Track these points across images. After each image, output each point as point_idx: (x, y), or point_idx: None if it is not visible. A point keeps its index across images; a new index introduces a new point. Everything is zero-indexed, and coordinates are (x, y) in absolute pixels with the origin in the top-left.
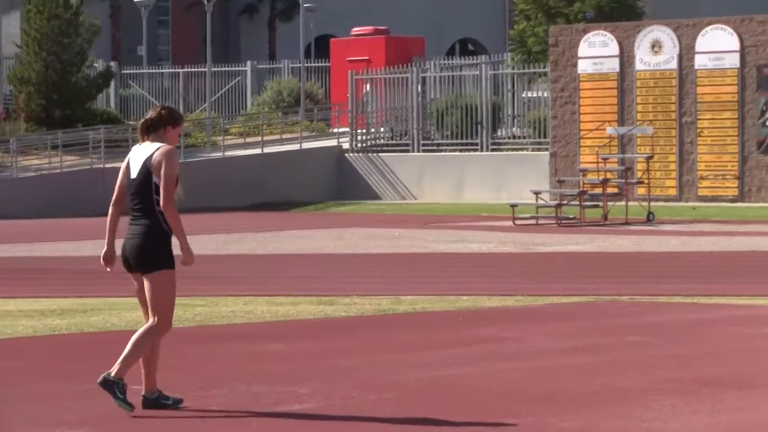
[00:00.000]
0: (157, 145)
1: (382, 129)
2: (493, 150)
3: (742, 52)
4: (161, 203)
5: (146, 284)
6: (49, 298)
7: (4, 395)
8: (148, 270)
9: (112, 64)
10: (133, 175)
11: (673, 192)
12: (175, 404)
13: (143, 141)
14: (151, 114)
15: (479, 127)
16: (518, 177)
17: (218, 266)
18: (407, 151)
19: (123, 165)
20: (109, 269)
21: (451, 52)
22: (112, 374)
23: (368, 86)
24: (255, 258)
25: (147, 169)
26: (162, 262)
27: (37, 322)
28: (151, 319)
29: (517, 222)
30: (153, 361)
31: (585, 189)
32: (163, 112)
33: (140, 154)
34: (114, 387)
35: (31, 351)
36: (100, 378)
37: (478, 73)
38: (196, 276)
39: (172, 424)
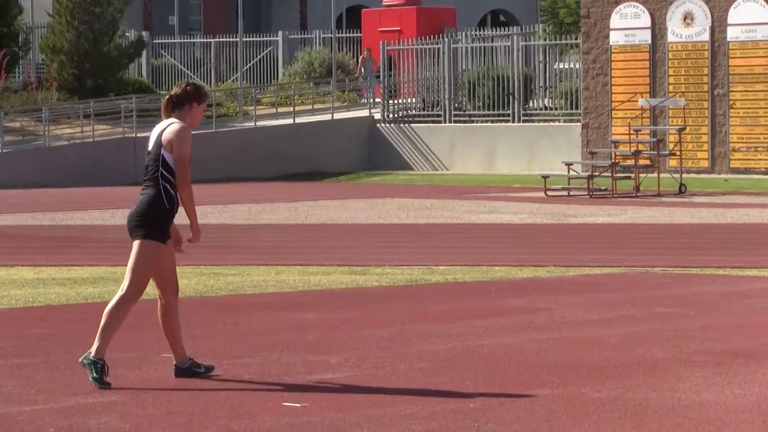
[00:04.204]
0: (172, 121)
1: (413, 100)
2: (524, 121)
3: None
4: (177, 184)
5: (133, 251)
6: (81, 267)
7: (37, 363)
8: (132, 235)
9: (144, 33)
10: (150, 147)
11: (705, 164)
12: (207, 372)
13: (167, 117)
14: (175, 90)
15: (511, 98)
16: (550, 148)
17: (250, 236)
18: (439, 121)
19: None
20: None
21: (482, 23)
22: (92, 354)
23: (366, 52)
24: (287, 227)
25: (159, 144)
26: (146, 232)
27: (69, 290)
28: (122, 287)
29: (549, 193)
30: (173, 330)
31: (617, 161)
32: (188, 87)
33: (158, 128)
34: (92, 366)
35: (65, 319)
36: (82, 357)
37: (509, 44)
38: (228, 245)
39: (203, 391)
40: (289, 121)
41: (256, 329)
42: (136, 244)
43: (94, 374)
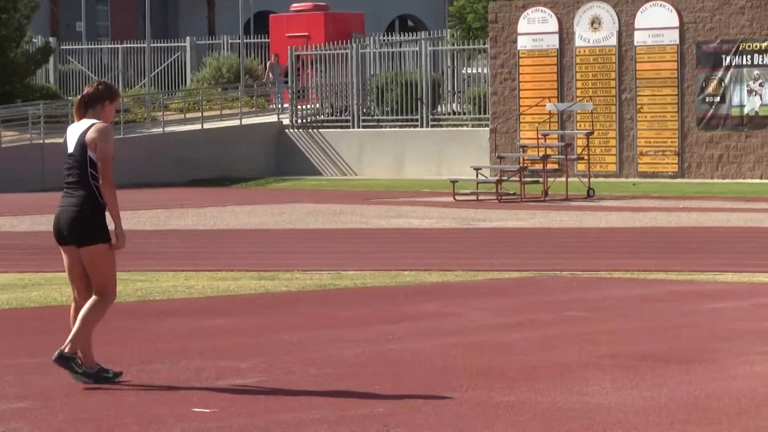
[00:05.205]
0: (92, 121)
1: (320, 105)
2: (433, 126)
3: (682, 28)
4: (100, 183)
5: (84, 258)
6: None
7: None
8: (83, 243)
9: (51, 39)
10: (70, 149)
11: (613, 168)
12: (115, 377)
13: (80, 119)
14: (88, 90)
15: (419, 103)
16: (458, 153)
17: (159, 241)
18: (347, 127)
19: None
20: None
21: (390, 29)
22: (66, 351)
23: (273, 58)
24: (196, 233)
25: (83, 144)
26: (97, 236)
27: None
28: (94, 294)
29: (458, 198)
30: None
31: (525, 165)
32: (100, 87)
33: (76, 129)
34: (71, 363)
35: None
36: (55, 355)
37: (417, 49)
38: (136, 251)
39: (112, 397)
40: (198, 126)
41: (165, 335)
42: (89, 250)
43: (77, 369)
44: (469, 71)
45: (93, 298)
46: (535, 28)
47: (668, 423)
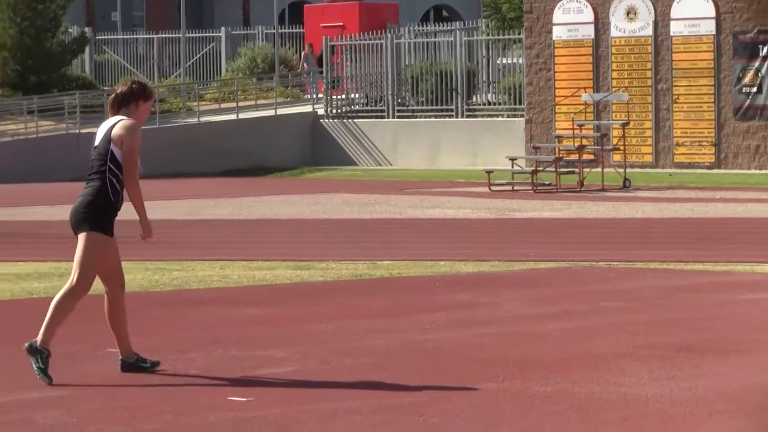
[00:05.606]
0: (120, 117)
1: (356, 95)
2: (468, 116)
3: (718, 18)
4: (124, 180)
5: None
6: (26, 262)
7: None
8: (77, 229)
9: (87, 29)
10: (96, 143)
11: (649, 158)
12: (152, 367)
13: (113, 115)
14: (122, 88)
15: (454, 93)
16: (493, 143)
17: (194, 231)
18: (382, 117)
19: None
20: None
21: (425, 19)
22: (38, 342)
23: (307, 48)
24: (231, 222)
25: (108, 139)
26: (90, 224)
27: (14, 285)
28: (70, 280)
29: (493, 188)
30: (120, 325)
31: (560, 155)
32: (134, 86)
33: (105, 125)
34: (38, 355)
35: (10, 314)
36: (27, 344)
37: (452, 39)
38: (172, 240)
39: (148, 385)
40: (233, 116)
41: (201, 324)
42: (81, 237)
43: (40, 364)
44: (505, 61)
45: (64, 287)
46: (571, 19)
47: (705, 414)
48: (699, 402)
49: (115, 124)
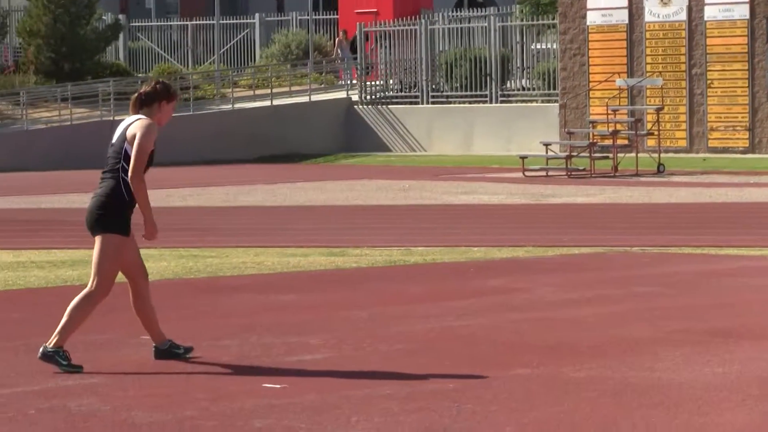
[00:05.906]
0: (139, 116)
1: (391, 81)
2: (502, 102)
3: (752, 3)
4: (128, 174)
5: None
6: (60, 250)
7: (17, 346)
8: (93, 231)
9: (121, 16)
10: (113, 140)
11: (683, 143)
12: (186, 353)
13: (134, 113)
14: (145, 87)
15: (488, 79)
16: (527, 129)
17: (229, 218)
18: (416, 103)
19: None
20: None
21: (459, 4)
22: (50, 346)
23: (341, 34)
24: (265, 209)
25: (124, 137)
26: (107, 225)
27: (48, 273)
28: (89, 284)
29: (527, 173)
30: (147, 314)
31: (595, 141)
32: (158, 86)
33: (125, 122)
34: (55, 357)
35: (44, 302)
36: (39, 352)
37: (486, 25)
38: (206, 227)
39: (182, 372)
40: (267, 103)
41: (235, 311)
42: (98, 239)
43: (63, 363)
44: (539, 47)
45: (84, 291)
46: (605, 3)
47: (740, 399)
48: (733, 387)
49: (132, 123)
